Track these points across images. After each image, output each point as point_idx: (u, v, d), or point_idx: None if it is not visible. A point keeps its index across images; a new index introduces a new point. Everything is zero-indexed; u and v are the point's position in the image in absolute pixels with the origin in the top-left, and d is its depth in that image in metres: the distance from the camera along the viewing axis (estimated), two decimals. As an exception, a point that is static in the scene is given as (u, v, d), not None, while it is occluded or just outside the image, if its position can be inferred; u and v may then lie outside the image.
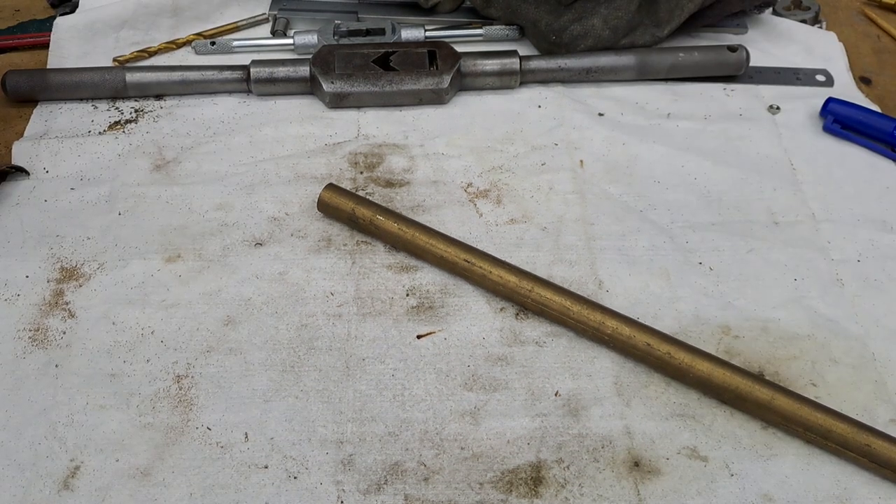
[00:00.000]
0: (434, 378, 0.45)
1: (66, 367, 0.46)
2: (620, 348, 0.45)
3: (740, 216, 0.55)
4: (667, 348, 0.44)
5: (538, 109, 0.62)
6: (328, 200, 0.52)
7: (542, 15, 0.64)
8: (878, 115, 0.60)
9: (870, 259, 0.52)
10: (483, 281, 0.48)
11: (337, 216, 0.52)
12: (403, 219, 0.51)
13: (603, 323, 0.45)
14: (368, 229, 0.51)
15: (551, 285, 0.47)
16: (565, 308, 0.46)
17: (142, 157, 0.58)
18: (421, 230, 0.50)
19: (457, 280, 0.50)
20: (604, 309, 0.46)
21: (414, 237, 0.49)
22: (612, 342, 0.45)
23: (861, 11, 0.74)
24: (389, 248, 0.52)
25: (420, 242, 0.49)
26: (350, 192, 0.52)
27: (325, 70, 0.61)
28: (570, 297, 0.47)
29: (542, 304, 0.47)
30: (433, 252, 0.49)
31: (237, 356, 0.46)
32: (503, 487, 0.41)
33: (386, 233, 0.50)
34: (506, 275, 0.48)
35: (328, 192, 0.52)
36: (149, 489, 0.41)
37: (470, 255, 0.49)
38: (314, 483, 0.41)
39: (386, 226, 0.50)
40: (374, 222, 0.50)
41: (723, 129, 0.61)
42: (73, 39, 0.66)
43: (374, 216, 0.50)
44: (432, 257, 0.49)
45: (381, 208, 0.51)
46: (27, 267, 0.51)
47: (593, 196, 0.56)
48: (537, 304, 0.47)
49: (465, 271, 0.49)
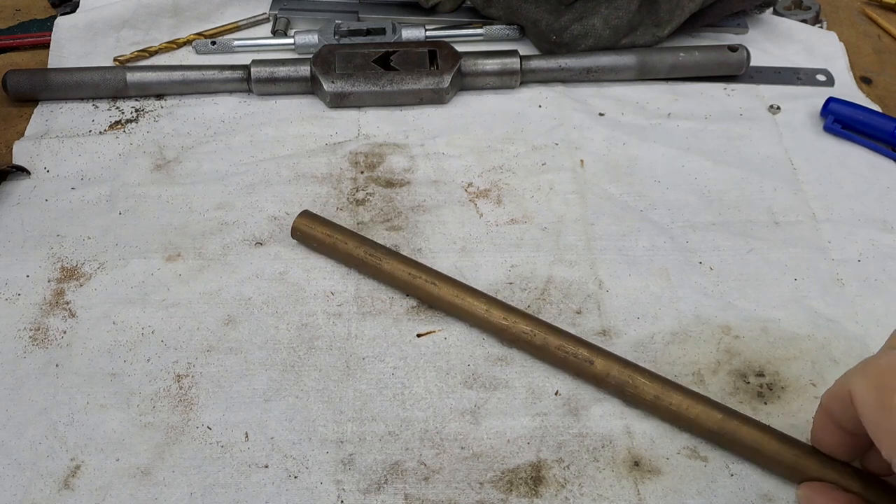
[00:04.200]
0: (434, 376, 0.45)
1: (67, 366, 0.46)
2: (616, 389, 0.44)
3: (740, 216, 0.55)
4: (656, 391, 0.43)
5: (539, 109, 0.62)
6: (302, 229, 0.50)
7: (542, 15, 0.64)
8: (879, 115, 0.60)
9: (870, 259, 0.52)
10: (468, 316, 0.47)
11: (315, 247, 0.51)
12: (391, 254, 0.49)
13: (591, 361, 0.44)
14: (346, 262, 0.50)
15: (534, 321, 0.46)
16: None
17: (142, 156, 0.58)
18: (402, 264, 0.48)
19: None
20: (591, 347, 0.45)
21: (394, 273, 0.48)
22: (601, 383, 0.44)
23: (862, 11, 0.74)
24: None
25: (402, 276, 0.48)
26: (324, 219, 0.51)
27: (325, 70, 0.61)
28: (556, 333, 0.45)
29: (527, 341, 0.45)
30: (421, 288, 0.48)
31: (237, 356, 0.46)
32: (503, 487, 0.41)
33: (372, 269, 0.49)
34: (493, 310, 0.46)
35: (302, 220, 0.50)
36: (149, 488, 0.41)
37: (459, 292, 0.47)
38: (314, 482, 0.41)
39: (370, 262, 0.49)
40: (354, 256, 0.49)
41: (723, 128, 0.61)
42: (73, 39, 0.66)
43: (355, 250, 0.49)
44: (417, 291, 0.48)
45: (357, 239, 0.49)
46: (28, 266, 0.51)
47: (594, 196, 0.56)
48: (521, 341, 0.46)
49: (450, 307, 0.47)
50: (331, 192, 0.56)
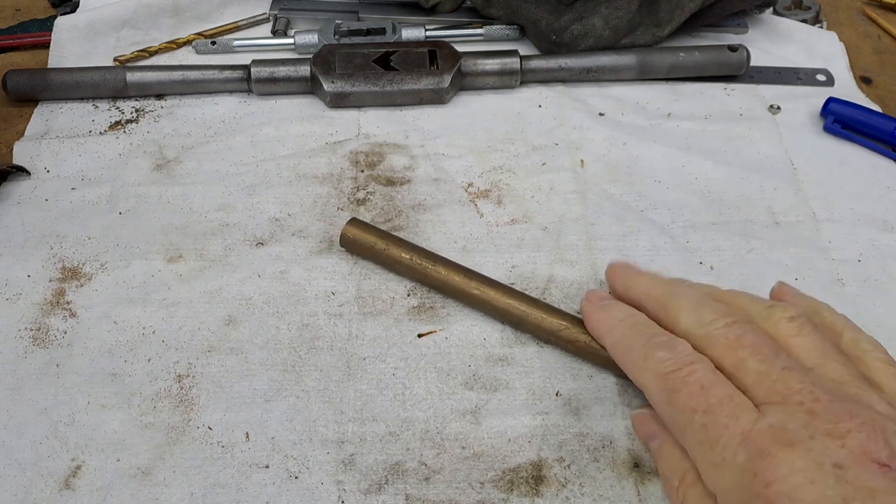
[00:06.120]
0: (435, 377, 0.45)
1: (68, 366, 0.46)
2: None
3: (741, 216, 0.55)
4: None
5: (539, 109, 0.62)
6: (353, 237, 0.50)
7: (542, 14, 0.64)
8: (879, 115, 0.60)
9: (870, 259, 0.52)
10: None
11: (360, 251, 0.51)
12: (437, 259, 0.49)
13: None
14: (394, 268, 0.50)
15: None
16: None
17: (143, 156, 0.58)
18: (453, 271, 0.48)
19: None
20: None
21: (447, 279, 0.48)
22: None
23: (862, 11, 0.74)
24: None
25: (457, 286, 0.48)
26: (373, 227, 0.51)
27: (325, 70, 0.61)
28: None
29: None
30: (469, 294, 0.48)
31: (238, 356, 0.46)
32: (504, 486, 0.41)
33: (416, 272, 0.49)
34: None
35: (352, 228, 0.50)
36: (150, 489, 0.41)
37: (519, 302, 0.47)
38: (315, 483, 0.41)
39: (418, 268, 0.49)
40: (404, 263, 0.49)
41: (723, 128, 0.61)
42: (73, 39, 0.66)
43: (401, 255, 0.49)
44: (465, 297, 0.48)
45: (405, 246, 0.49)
46: (28, 266, 0.51)
47: (594, 196, 0.56)
48: None
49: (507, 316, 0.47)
50: (331, 192, 0.56)
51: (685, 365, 0.36)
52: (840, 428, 0.32)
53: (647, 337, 0.39)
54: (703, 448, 0.34)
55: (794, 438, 0.32)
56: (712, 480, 0.34)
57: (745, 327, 0.37)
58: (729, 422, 0.34)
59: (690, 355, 0.37)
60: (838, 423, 0.32)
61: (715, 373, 0.36)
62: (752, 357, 0.35)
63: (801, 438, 0.32)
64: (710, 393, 0.35)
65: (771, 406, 0.34)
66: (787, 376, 0.34)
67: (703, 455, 0.34)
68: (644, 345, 0.39)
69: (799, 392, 0.33)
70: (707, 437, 0.34)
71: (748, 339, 0.36)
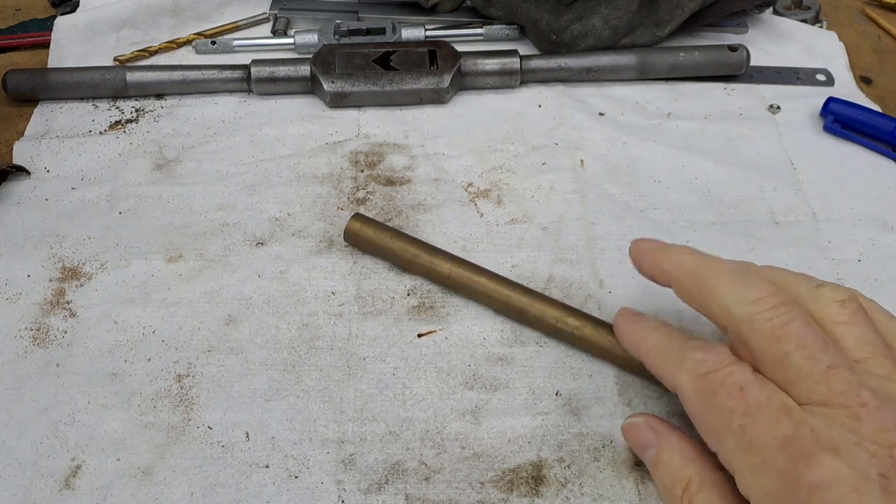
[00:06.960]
0: (435, 377, 0.45)
1: (68, 366, 0.46)
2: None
3: (741, 216, 0.55)
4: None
5: (539, 109, 0.62)
6: (357, 232, 0.50)
7: (542, 14, 0.64)
8: (879, 115, 0.60)
9: (870, 259, 0.52)
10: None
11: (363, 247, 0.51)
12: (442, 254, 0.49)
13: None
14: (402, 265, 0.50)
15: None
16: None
17: (143, 156, 0.58)
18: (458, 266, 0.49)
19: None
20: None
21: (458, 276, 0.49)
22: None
23: (862, 11, 0.74)
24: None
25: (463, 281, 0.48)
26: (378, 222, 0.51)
27: (325, 69, 0.61)
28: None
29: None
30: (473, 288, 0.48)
31: (238, 355, 0.46)
32: (504, 486, 0.41)
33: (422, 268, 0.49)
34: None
35: (356, 223, 0.50)
36: (150, 488, 0.41)
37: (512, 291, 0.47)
38: (315, 482, 0.41)
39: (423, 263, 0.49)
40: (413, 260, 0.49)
41: (723, 128, 0.61)
42: (73, 39, 0.66)
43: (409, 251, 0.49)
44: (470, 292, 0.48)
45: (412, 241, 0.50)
46: (28, 266, 0.51)
47: (594, 196, 0.56)
48: None
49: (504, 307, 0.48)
50: (331, 192, 0.56)
51: (724, 366, 0.35)
52: (888, 437, 0.30)
53: (683, 341, 0.38)
54: (740, 451, 0.33)
55: (839, 443, 0.30)
56: (750, 484, 0.33)
57: (793, 312, 0.34)
58: (769, 424, 0.32)
59: (728, 357, 0.35)
60: (885, 432, 0.30)
61: (755, 374, 0.34)
62: (796, 351, 0.33)
63: (846, 444, 0.30)
64: (750, 394, 0.33)
65: (814, 407, 0.32)
66: (832, 376, 0.32)
67: (740, 458, 0.33)
68: (680, 348, 0.38)
69: (844, 394, 0.31)
70: (745, 439, 0.33)
71: (794, 329, 0.34)
